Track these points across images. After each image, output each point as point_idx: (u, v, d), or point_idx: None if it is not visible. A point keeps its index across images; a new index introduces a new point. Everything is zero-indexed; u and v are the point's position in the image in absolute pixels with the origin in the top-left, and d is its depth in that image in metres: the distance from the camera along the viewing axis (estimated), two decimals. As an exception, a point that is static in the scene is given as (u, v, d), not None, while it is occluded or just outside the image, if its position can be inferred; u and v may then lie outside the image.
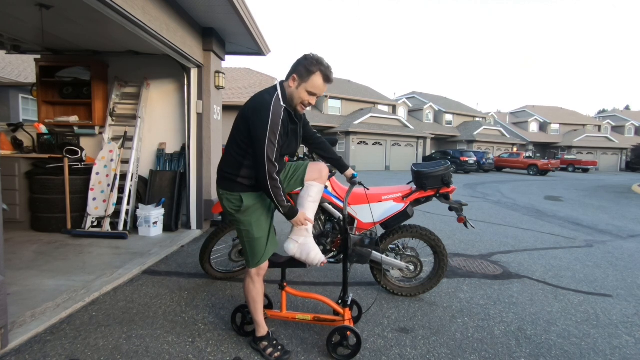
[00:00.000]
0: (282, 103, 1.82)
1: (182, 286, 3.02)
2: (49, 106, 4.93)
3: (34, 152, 4.49)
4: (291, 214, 1.91)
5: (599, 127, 37.32)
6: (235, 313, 2.29)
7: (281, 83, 1.91)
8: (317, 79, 1.81)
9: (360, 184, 2.51)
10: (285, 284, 2.23)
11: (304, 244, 2.09)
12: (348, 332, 2.05)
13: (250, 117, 1.81)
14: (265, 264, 2.03)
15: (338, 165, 2.45)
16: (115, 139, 4.72)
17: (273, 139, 1.75)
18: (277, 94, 1.83)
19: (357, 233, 2.87)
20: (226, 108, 8.93)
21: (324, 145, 2.40)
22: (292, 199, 2.72)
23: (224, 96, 11.19)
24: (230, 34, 4.89)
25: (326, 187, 2.85)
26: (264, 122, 1.74)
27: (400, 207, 2.78)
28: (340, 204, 2.80)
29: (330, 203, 2.85)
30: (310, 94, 1.84)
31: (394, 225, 2.80)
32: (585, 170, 27.89)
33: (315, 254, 2.07)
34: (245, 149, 1.86)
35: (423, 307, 2.78)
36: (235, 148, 1.91)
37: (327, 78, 1.83)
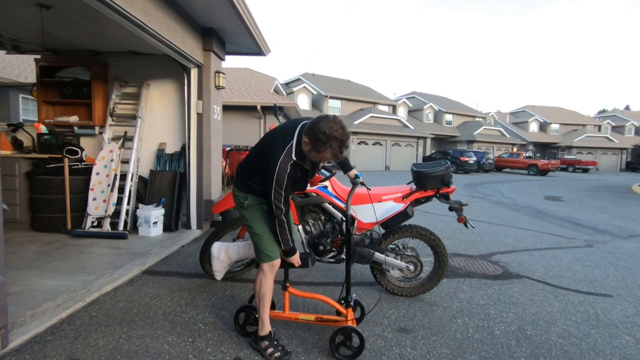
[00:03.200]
0: (292, 157, 1.83)
1: (182, 286, 3.02)
2: (49, 106, 4.93)
3: (34, 152, 4.49)
4: (290, 253, 2.02)
5: (599, 127, 37.30)
6: (239, 313, 2.29)
7: (301, 129, 1.86)
8: (326, 154, 1.82)
9: (362, 184, 2.51)
10: (288, 284, 2.23)
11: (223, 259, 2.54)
12: (352, 333, 2.06)
13: (262, 157, 1.91)
14: (278, 261, 2.07)
15: (342, 165, 2.53)
16: (115, 139, 4.72)
17: (279, 189, 1.83)
18: (292, 144, 1.83)
19: (357, 233, 2.87)
20: (226, 108, 8.93)
21: None
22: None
23: (224, 96, 11.19)
24: (230, 34, 4.89)
25: (326, 187, 2.85)
26: (271, 174, 1.81)
27: (400, 207, 2.78)
28: (341, 204, 2.81)
29: (330, 203, 2.85)
30: (320, 160, 1.91)
31: (394, 225, 2.81)
32: (585, 170, 27.89)
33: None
34: (255, 172, 1.98)
35: (423, 307, 2.78)
36: (252, 162, 2.01)
37: (337, 156, 1.82)
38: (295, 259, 2.06)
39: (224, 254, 2.47)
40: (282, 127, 1.97)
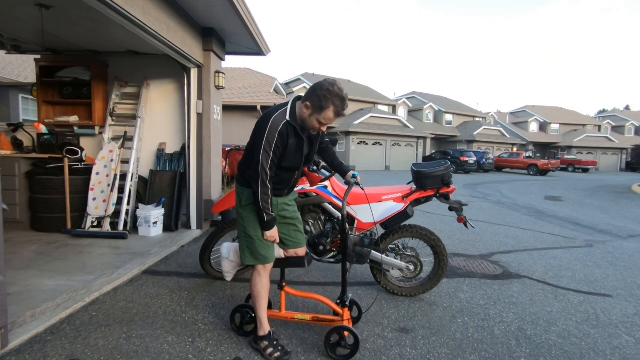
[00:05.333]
0: (286, 117, 1.86)
1: (182, 286, 3.02)
2: (49, 106, 4.93)
3: (34, 152, 4.49)
4: (269, 225, 1.96)
5: (599, 127, 37.30)
6: (235, 313, 2.29)
7: (294, 100, 1.94)
8: (329, 114, 1.83)
9: (357, 184, 2.51)
10: (284, 284, 2.23)
11: (233, 260, 2.40)
12: (346, 332, 2.05)
13: (255, 135, 1.93)
14: (271, 263, 2.08)
15: (339, 170, 2.55)
16: (115, 139, 4.72)
17: (268, 148, 1.83)
18: (286, 109, 1.89)
19: (357, 233, 2.87)
20: (226, 108, 8.92)
21: (330, 151, 2.52)
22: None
23: (224, 96, 11.19)
24: (230, 34, 4.89)
25: (326, 187, 2.86)
26: (262, 131, 1.84)
27: (400, 207, 2.78)
28: (340, 204, 2.80)
29: (330, 203, 2.86)
30: (321, 123, 1.89)
31: (394, 225, 2.81)
32: (585, 170, 27.88)
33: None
34: (252, 156, 1.96)
35: (423, 307, 2.78)
36: (248, 149, 2.03)
37: (339, 114, 1.85)
38: (272, 235, 1.98)
39: (234, 254, 2.45)
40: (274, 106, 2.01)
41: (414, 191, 2.82)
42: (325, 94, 1.79)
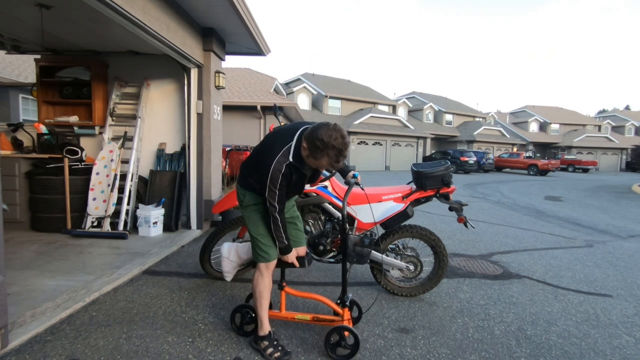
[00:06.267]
0: (289, 158, 1.84)
1: (182, 286, 3.02)
2: (49, 106, 4.93)
3: (34, 152, 4.49)
4: (285, 250, 2.04)
5: (599, 127, 37.29)
6: (235, 313, 2.29)
7: (300, 134, 1.86)
8: (322, 162, 1.82)
9: (357, 184, 2.51)
10: (284, 284, 2.23)
11: (233, 260, 2.46)
12: (346, 332, 2.05)
13: (261, 156, 1.94)
14: (273, 262, 2.09)
15: (340, 170, 2.54)
16: (115, 139, 4.72)
17: (273, 188, 1.85)
18: (290, 146, 1.85)
19: (357, 233, 2.87)
20: (226, 108, 8.92)
21: None
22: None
23: (224, 96, 11.18)
24: (230, 34, 4.89)
25: (326, 187, 2.86)
26: (266, 171, 1.83)
27: (400, 207, 2.78)
28: (340, 204, 2.80)
29: (330, 203, 2.86)
30: (318, 166, 1.89)
31: (394, 225, 2.81)
32: (585, 170, 27.88)
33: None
34: (255, 169, 1.98)
35: (423, 307, 2.78)
36: (253, 160, 2.04)
37: (333, 165, 1.83)
38: (291, 258, 2.06)
39: (234, 254, 2.46)
40: (284, 128, 1.98)
41: (414, 191, 2.82)
42: (319, 144, 1.73)
